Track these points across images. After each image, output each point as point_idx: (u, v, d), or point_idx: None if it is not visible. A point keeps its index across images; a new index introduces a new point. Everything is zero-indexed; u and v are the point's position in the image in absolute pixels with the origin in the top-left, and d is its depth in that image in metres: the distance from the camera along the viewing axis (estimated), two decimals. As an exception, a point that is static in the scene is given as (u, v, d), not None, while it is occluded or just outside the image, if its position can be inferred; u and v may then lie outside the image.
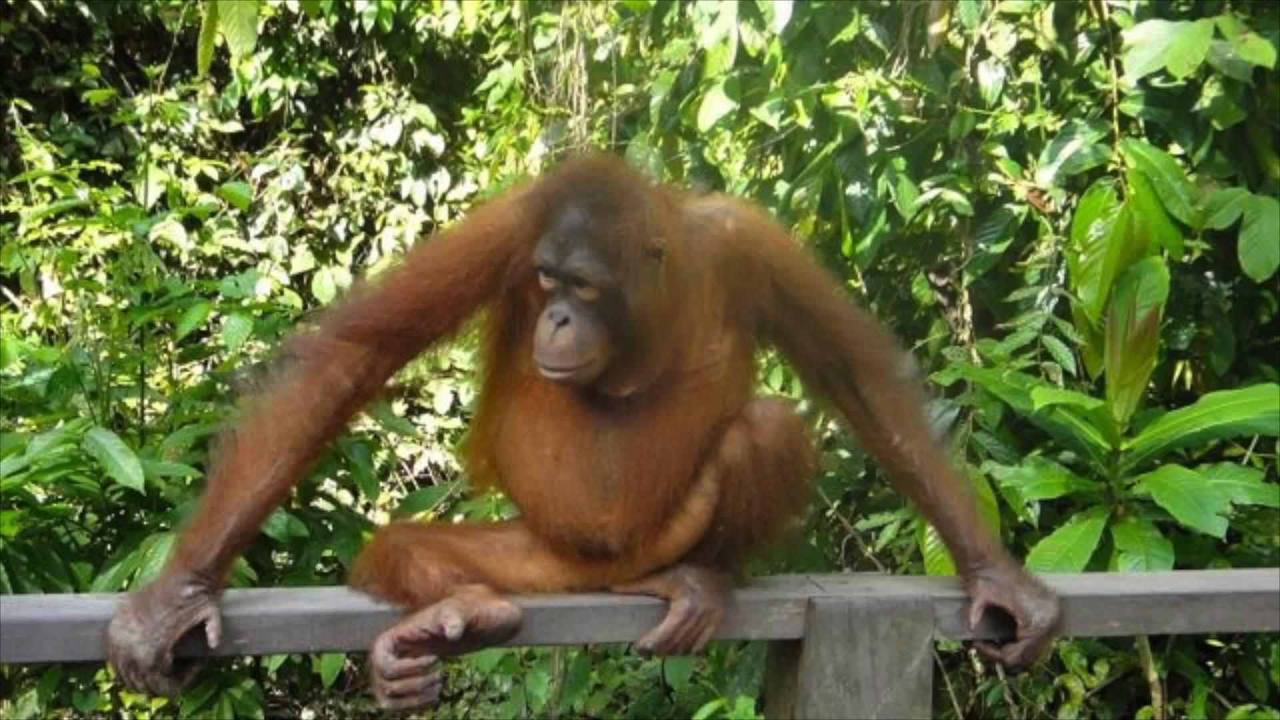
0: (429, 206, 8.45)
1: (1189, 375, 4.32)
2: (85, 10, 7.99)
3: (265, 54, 8.09)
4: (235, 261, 7.91)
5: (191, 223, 6.22)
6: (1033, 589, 2.17)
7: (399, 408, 7.34)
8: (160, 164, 6.85)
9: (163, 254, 6.95)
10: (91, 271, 6.52)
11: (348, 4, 8.01)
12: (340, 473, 3.83)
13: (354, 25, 8.12)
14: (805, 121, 4.35)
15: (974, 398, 3.76)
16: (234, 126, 8.00)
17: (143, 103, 7.51)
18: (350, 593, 2.07)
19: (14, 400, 3.59)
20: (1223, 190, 3.83)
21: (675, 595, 2.10)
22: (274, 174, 8.23)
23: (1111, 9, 3.93)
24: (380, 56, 8.55)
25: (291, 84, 8.23)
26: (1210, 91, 3.83)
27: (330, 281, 8.09)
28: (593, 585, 2.13)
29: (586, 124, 5.87)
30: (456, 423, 7.48)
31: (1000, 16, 4.17)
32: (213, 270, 7.82)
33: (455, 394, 7.55)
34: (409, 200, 8.43)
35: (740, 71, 4.58)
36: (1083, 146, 3.91)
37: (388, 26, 8.02)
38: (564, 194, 1.94)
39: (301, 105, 8.45)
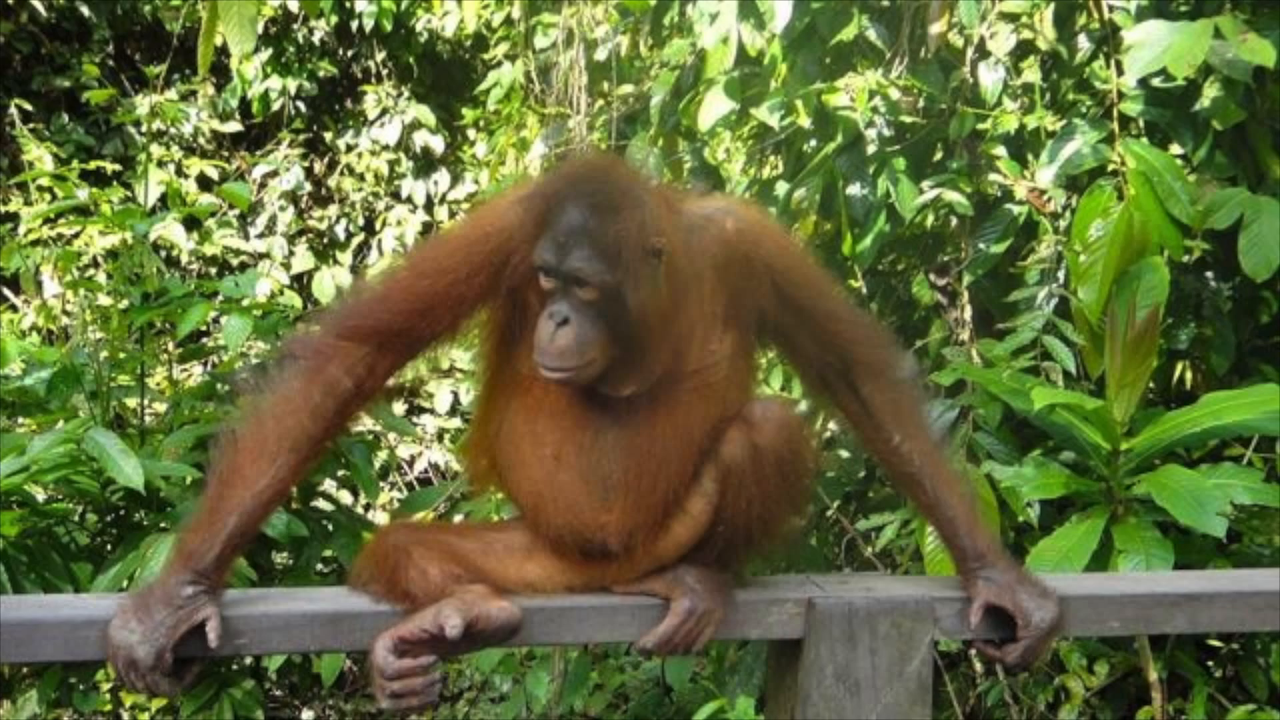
0: (429, 206, 8.45)
1: (1189, 375, 4.32)
2: (85, 10, 7.99)
3: (265, 54, 8.09)
4: (235, 261, 7.91)
5: (191, 223, 6.22)
6: (1033, 589, 2.17)
7: (399, 408, 7.34)
8: (160, 164, 6.85)
9: (163, 254, 6.95)
10: (91, 271, 6.52)
11: (348, 4, 8.01)
12: (340, 473, 3.83)
13: (354, 25, 8.12)
14: (805, 121, 4.35)
15: (974, 398, 3.76)
16: (234, 126, 8.00)
17: (143, 103, 7.50)
18: (350, 593, 2.07)
19: (14, 400, 3.59)
20: (1223, 190, 3.83)
21: (675, 595, 2.10)
22: (274, 174, 8.23)
23: (1111, 9, 3.93)
24: (380, 56, 8.55)
25: (291, 84, 8.23)
26: (1210, 91, 3.83)
27: (330, 281, 8.09)
28: (593, 585, 2.13)
29: (586, 124, 5.86)
30: (456, 423, 7.48)
31: (1000, 16, 4.17)
32: (213, 270, 7.82)
33: (455, 394, 7.55)
34: (409, 200, 8.43)
35: (740, 71, 4.58)
36: (1083, 146, 3.91)
37: (388, 26, 8.03)
38: (564, 194, 1.94)
39: (301, 105, 8.45)
